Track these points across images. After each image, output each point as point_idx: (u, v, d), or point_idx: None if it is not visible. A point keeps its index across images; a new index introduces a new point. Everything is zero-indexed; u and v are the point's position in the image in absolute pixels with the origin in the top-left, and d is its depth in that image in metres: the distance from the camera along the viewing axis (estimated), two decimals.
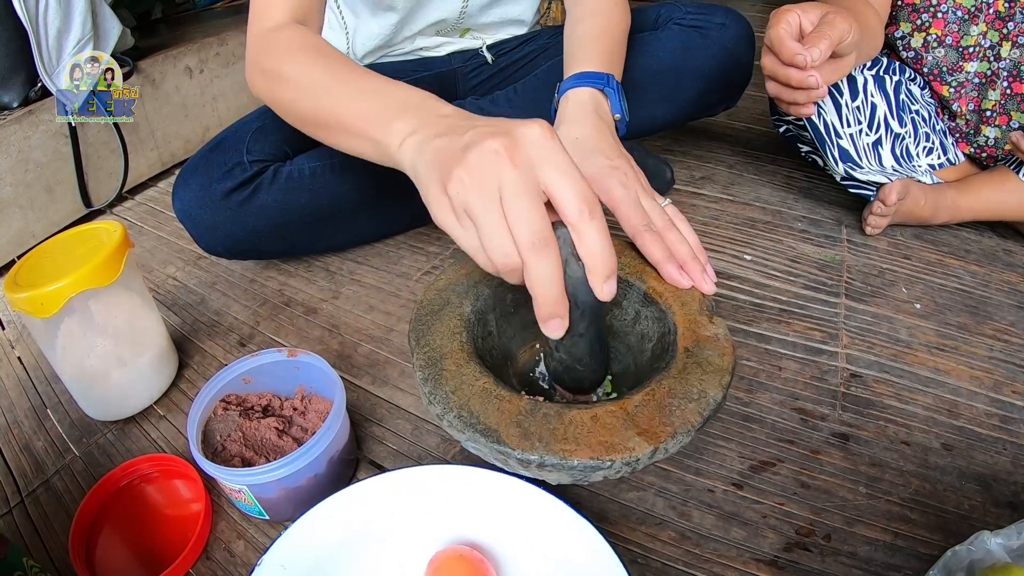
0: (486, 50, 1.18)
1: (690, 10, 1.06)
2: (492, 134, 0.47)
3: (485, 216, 0.46)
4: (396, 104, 0.61)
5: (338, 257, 1.12)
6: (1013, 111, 1.11)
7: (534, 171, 0.46)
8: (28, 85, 1.37)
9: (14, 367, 0.98)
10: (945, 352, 0.87)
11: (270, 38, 0.79)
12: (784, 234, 1.14)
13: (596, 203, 0.47)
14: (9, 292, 0.71)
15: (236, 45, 1.79)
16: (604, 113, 0.79)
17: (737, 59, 1.05)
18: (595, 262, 0.47)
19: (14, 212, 1.31)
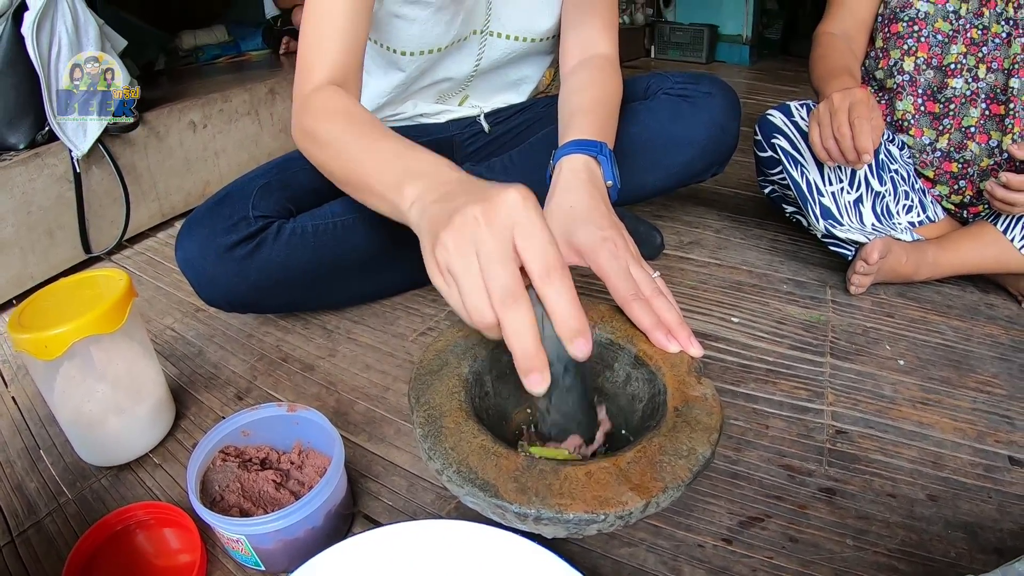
0: (483, 119, 1.23)
1: (678, 80, 1.11)
2: (475, 200, 0.52)
3: (464, 275, 0.51)
4: (410, 169, 0.66)
5: (335, 315, 1.14)
6: (992, 131, 1.18)
7: (509, 232, 0.50)
8: (36, 128, 1.40)
9: (8, 407, 0.99)
10: (929, 406, 0.90)
11: (311, 99, 0.84)
12: (771, 296, 1.17)
13: (560, 265, 0.50)
14: (13, 332, 0.72)
15: (239, 103, 1.84)
16: (597, 180, 0.82)
17: (724, 127, 1.09)
18: (559, 321, 0.50)
19: (14, 253, 1.33)
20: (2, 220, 1.30)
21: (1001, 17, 1.14)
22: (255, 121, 1.90)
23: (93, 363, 0.79)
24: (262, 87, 1.93)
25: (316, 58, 0.87)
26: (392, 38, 1.04)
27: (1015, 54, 1.14)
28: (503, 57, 1.14)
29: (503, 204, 0.51)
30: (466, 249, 0.50)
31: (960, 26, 1.16)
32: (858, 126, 0.97)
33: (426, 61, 1.08)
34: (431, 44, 1.05)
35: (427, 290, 1.20)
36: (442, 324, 1.10)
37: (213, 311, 1.18)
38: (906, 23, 1.19)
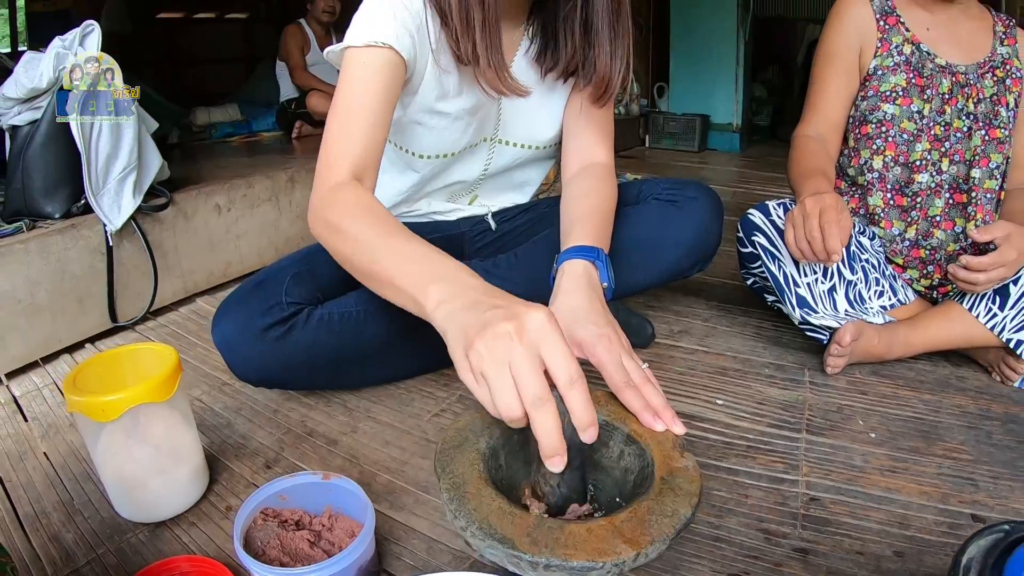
0: (491, 217, 1.36)
1: (667, 186, 1.25)
2: (506, 317, 0.63)
3: (498, 380, 0.62)
4: (434, 272, 0.77)
5: (354, 395, 1.24)
6: (957, 218, 1.31)
7: (537, 347, 0.62)
8: (72, 200, 1.51)
9: (41, 463, 1.07)
10: (897, 473, 0.99)
11: (334, 194, 0.94)
12: (753, 379, 1.28)
13: (580, 376, 0.63)
14: (69, 393, 0.82)
15: (261, 189, 1.98)
16: (595, 283, 0.94)
17: (708, 229, 1.22)
18: (577, 417, 0.63)
19: (45, 317, 1.43)
20: (37, 284, 1.40)
21: (962, 112, 1.28)
22: (275, 207, 2.03)
23: (139, 427, 0.88)
24: (282, 175, 2.07)
25: (339, 154, 0.97)
26: (411, 142, 1.17)
27: (976, 146, 1.28)
28: (510, 162, 1.28)
29: (532, 323, 0.63)
30: (500, 358, 0.61)
31: (924, 125, 1.30)
32: (827, 229, 1.09)
33: (440, 164, 1.21)
34: (446, 149, 1.18)
35: (439, 375, 1.30)
36: (454, 407, 1.19)
37: (239, 385, 1.28)
38: (874, 125, 1.33)
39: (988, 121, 1.29)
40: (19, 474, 1.04)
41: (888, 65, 1.32)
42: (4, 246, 1.38)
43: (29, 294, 1.40)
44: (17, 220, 1.48)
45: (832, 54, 1.38)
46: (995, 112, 1.28)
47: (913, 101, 1.30)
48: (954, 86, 1.29)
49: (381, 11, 1.00)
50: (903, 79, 1.31)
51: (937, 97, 1.29)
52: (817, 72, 1.41)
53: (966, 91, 1.29)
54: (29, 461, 1.08)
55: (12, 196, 1.53)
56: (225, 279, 1.91)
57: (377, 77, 0.99)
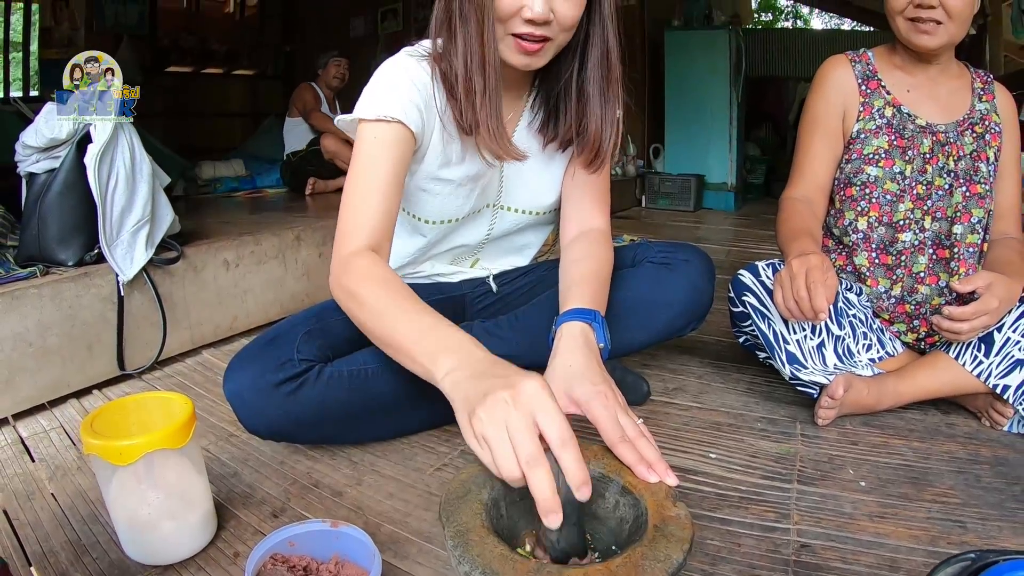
0: (492, 280, 1.42)
1: (660, 249, 1.31)
2: (504, 385, 0.71)
3: (497, 444, 0.68)
4: (444, 343, 0.85)
5: (359, 450, 1.27)
6: (941, 272, 1.35)
7: (532, 412, 0.69)
8: (85, 249, 1.56)
9: (48, 503, 1.10)
10: (886, 518, 1.02)
11: (351, 262, 1.01)
12: (746, 433, 1.31)
13: (571, 437, 0.69)
14: (87, 437, 0.86)
15: (269, 246, 2.03)
16: (592, 344, 1.00)
17: (700, 290, 1.27)
18: (570, 476, 0.68)
19: (55, 361, 1.47)
20: (48, 329, 1.45)
21: (943, 170, 1.34)
22: (281, 264, 2.09)
23: (152, 472, 0.91)
24: (289, 233, 2.13)
25: (356, 223, 1.04)
26: (418, 208, 1.24)
27: (957, 203, 1.33)
28: (512, 227, 1.34)
29: (526, 390, 0.70)
30: (498, 424, 0.68)
31: (907, 185, 1.35)
32: (814, 289, 1.14)
33: (445, 229, 1.27)
34: (450, 215, 1.24)
35: (441, 431, 1.33)
36: (456, 461, 1.22)
37: (246, 437, 1.30)
38: (859, 187, 1.39)
39: (969, 177, 1.34)
40: (27, 513, 1.07)
41: (871, 128, 1.38)
42: (18, 289, 1.42)
43: (40, 337, 1.44)
44: (31, 265, 1.53)
45: (817, 119, 1.44)
46: (975, 168, 1.34)
47: (895, 163, 1.35)
48: (935, 145, 1.35)
49: (391, 86, 1.08)
50: (885, 141, 1.36)
51: (919, 157, 1.35)
52: (803, 136, 1.47)
53: (946, 149, 1.34)
54: (37, 501, 1.10)
55: (27, 241, 1.58)
56: (231, 333, 1.95)
57: (389, 151, 1.06)
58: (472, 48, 1.04)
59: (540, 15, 0.98)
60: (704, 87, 4.38)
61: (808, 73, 5.17)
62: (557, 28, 1.02)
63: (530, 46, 1.02)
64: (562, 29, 1.03)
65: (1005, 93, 1.42)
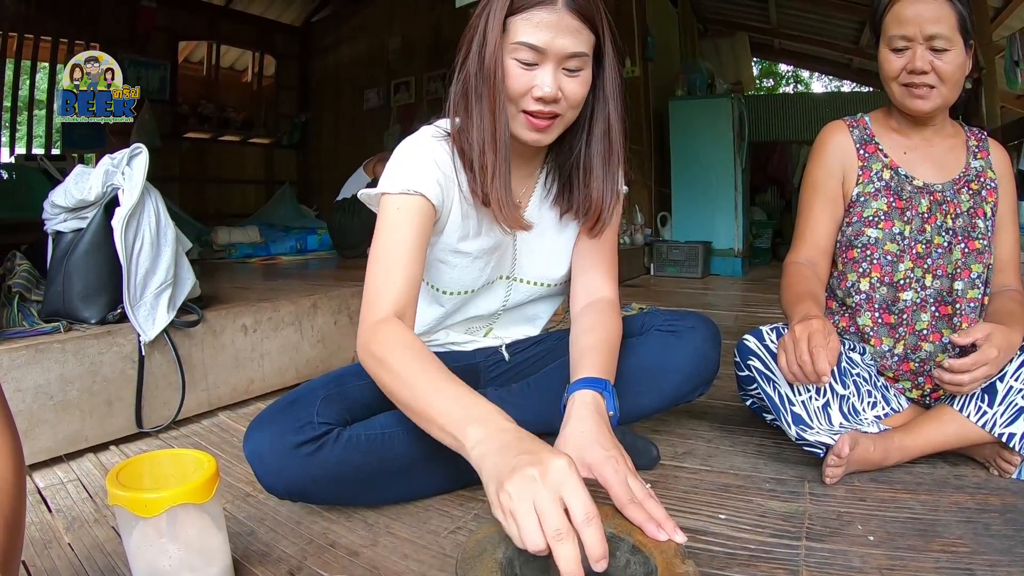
0: (504, 349, 1.46)
1: (667, 317, 1.35)
2: (532, 462, 0.76)
3: (525, 517, 0.72)
4: (472, 413, 0.89)
5: (374, 512, 1.27)
6: (943, 329, 1.37)
7: (558, 489, 0.73)
8: (108, 308, 1.61)
9: (65, 552, 1.11)
10: (895, 571, 1.02)
11: (378, 329, 1.06)
12: (754, 494, 1.32)
13: (595, 515, 0.73)
14: (112, 488, 0.88)
15: (286, 313, 2.08)
16: (602, 411, 1.04)
17: (706, 356, 1.31)
18: (591, 551, 0.72)
19: (75, 415, 1.50)
20: (70, 383, 1.48)
21: (941, 229, 1.37)
22: (298, 331, 2.13)
23: (175, 526, 0.93)
24: (306, 301, 2.18)
25: (382, 291, 1.09)
26: (436, 278, 1.29)
27: (956, 259, 1.35)
28: (525, 298, 1.39)
29: (554, 468, 0.75)
30: (526, 499, 0.73)
31: (906, 245, 1.38)
32: (816, 353, 1.17)
33: (462, 300, 1.33)
34: (467, 286, 1.30)
35: (456, 495, 1.34)
36: (470, 524, 1.23)
37: (262, 496, 1.32)
38: (860, 248, 1.42)
39: (967, 234, 1.36)
40: (43, 561, 1.08)
41: (870, 191, 1.42)
42: (43, 344, 1.47)
43: (61, 391, 1.48)
44: (55, 320, 1.58)
45: (817, 184, 1.48)
46: (973, 224, 1.36)
47: (895, 224, 1.38)
48: (932, 204, 1.38)
49: (413, 163, 1.15)
50: (884, 203, 1.39)
51: (917, 217, 1.38)
52: (804, 201, 1.51)
53: (944, 208, 1.37)
54: (54, 550, 1.11)
55: (51, 298, 1.62)
56: (247, 396, 1.98)
57: (412, 221, 1.12)
58: (485, 125, 1.11)
59: (550, 94, 1.07)
60: (708, 154, 4.45)
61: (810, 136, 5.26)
62: (565, 105, 1.10)
63: (540, 123, 1.10)
64: (570, 106, 1.11)
65: (999, 148, 1.46)
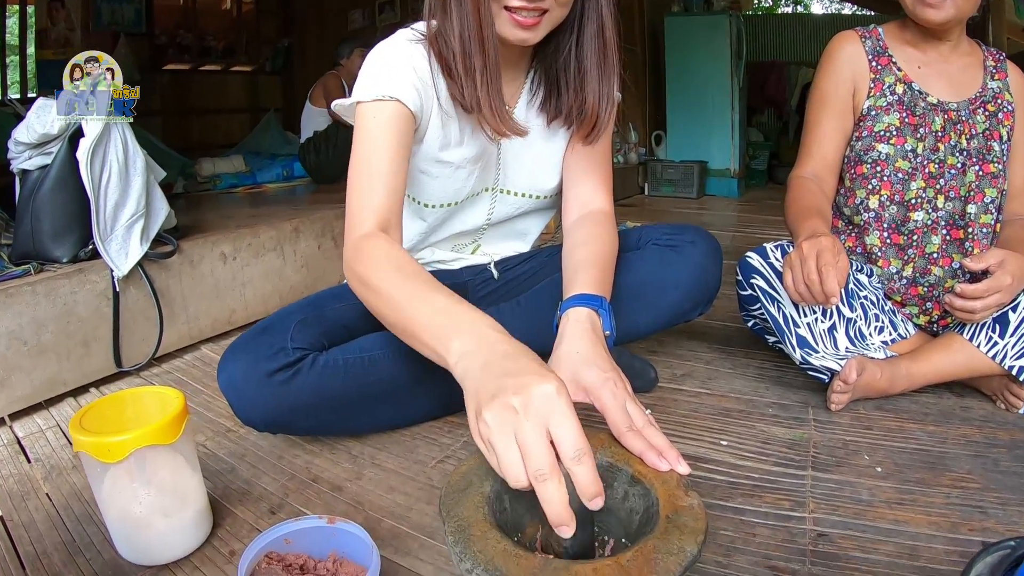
0: (493, 266, 1.38)
1: (665, 231, 1.27)
2: (515, 388, 0.65)
3: (504, 452, 0.64)
4: (457, 324, 0.81)
5: (358, 442, 1.23)
6: (954, 254, 1.32)
7: (544, 421, 0.64)
8: (80, 245, 1.53)
9: (43, 503, 1.06)
10: (904, 505, 0.99)
11: (361, 246, 0.98)
12: (757, 419, 1.28)
13: (587, 450, 0.63)
14: (75, 433, 0.82)
15: (267, 238, 2.00)
16: (598, 330, 0.96)
17: (707, 270, 1.24)
18: (583, 489, 0.63)
19: (50, 359, 1.44)
20: (43, 326, 1.41)
21: (955, 149, 1.30)
22: (280, 256, 2.06)
23: (144, 469, 0.87)
24: (287, 225, 2.10)
25: (364, 206, 1.01)
26: (418, 191, 1.20)
27: (970, 182, 1.29)
28: (512, 211, 1.31)
29: (538, 396, 0.64)
30: (505, 430, 0.64)
31: (919, 163, 1.31)
32: (825, 272, 1.10)
33: (445, 213, 1.24)
34: (450, 198, 1.21)
35: (444, 421, 1.30)
36: (459, 453, 1.19)
37: (243, 431, 1.27)
38: (870, 164, 1.35)
39: (981, 156, 1.30)
40: (21, 514, 1.04)
41: (881, 105, 1.35)
42: (12, 288, 1.39)
43: (35, 335, 1.41)
44: (25, 263, 1.50)
45: (826, 96, 1.41)
46: (988, 147, 1.30)
47: (907, 140, 1.32)
48: (947, 123, 1.31)
49: (387, 67, 1.06)
50: (896, 118, 1.33)
51: (930, 135, 1.31)
52: (811, 114, 1.44)
53: (958, 128, 1.31)
54: (31, 502, 1.07)
55: (21, 239, 1.55)
56: (230, 327, 1.92)
57: (389, 129, 1.03)
58: (468, 25, 1.01)
59: None
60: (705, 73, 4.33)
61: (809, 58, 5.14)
62: (552, 1, 1.00)
63: (526, 20, 1.00)
64: (557, 3, 1.01)
65: (1017, 71, 1.39)
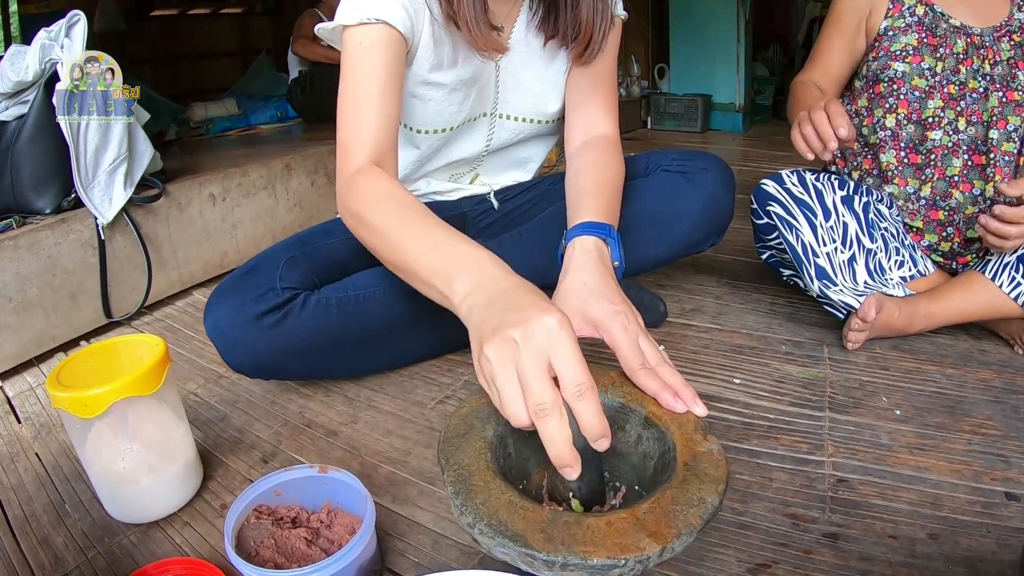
0: (493, 196, 1.31)
1: (675, 157, 1.19)
2: (516, 322, 0.61)
3: (504, 388, 0.60)
4: (458, 262, 0.75)
5: (354, 384, 1.19)
6: (975, 180, 1.25)
7: (545, 354, 0.59)
8: (62, 194, 1.46)
9: (32, 463, 1.02)
10: (925, 451, 0.94)
11: (354, 182, 0.91)
12: (770, 357, 1.22)
13: (590, 385, 0.60)
14: (52, 389, 0.77)
15: (257, 177, 1.92)
16: (606, 260, 0.89)
17: (719, 199, 1.16)
18: (587, 428, 0.60)
19: (38, 314, 1.38)
20: (28, 281, 1.35)
21: (978, 73, 1.23)
22: (271, 195, 1.98)
23: (127, 423, 0.83)
24: (278, 163, 2.02)
25: (356, 139, 0.94)
26: (409, 116, 1.12)
27: (993, 107, 1.22)
28: (511, 138, 1.23)
29: (539, 329, 0.60)
30: (506, 365, 0.60)
31: (936, 82, 1.25)
32: (832, 109, 1.07)
33: (439, 140, 1.16)
34: (444, 123, 1.13)
35: (443, 360, 1.25)
36: (459, 393, 1.14)
37: (235, 378, 1.23)
38: (886, 83, 1.29)
39: (1005, 83, 1.23)
40: (10, 476, 1.00)
41: (899, 26, 1.28)
42: None
43: (20, 291, 1.35)
44: (7, 217, 1.44)
45: (840, 15, 1.37)
46: (1012, 75, 1.23)
47: (924, 59, 1.26)
48: (969, 47, 1.24)
49: None
50: (914, 39, 1.26)
51: (951, 56, 1.25)
52: (824, 31, 1.41)
53: (981, 53, 1.24)
54: (21, 463, 1.03)
55: (2, 193, 1.48)
56: (222, 270, 1.85)
57: (377, 55, 0.96)
58: None
59: None
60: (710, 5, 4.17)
61: None
62: None
63: None
64: None
65: None
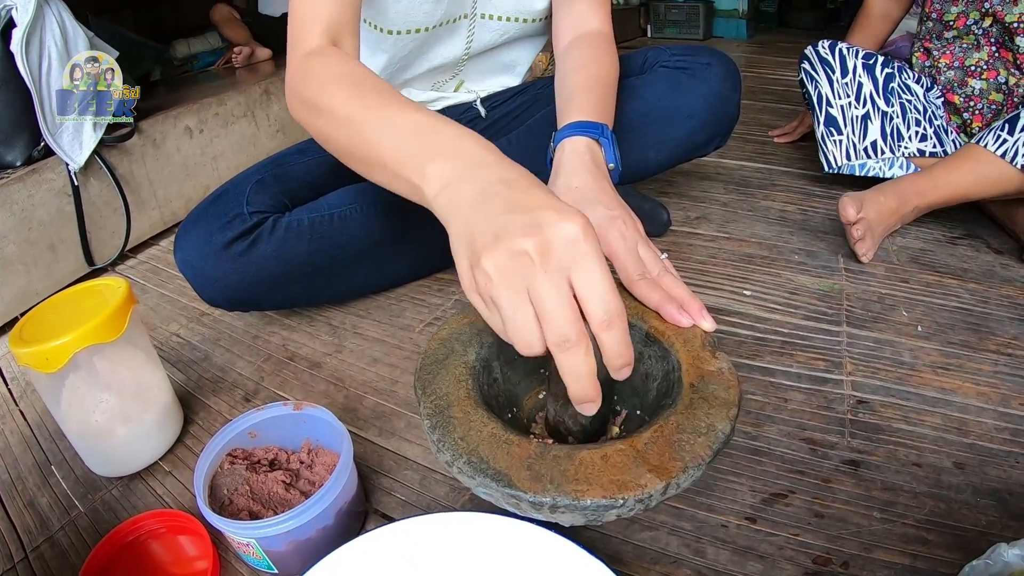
0: (479, 103, 1.21)
1: (676, 52, 1.09)
2: (526, 228, 0.47)
3: (513, 313, 0.47)
4: (434, 146, 0.60)
5: (340, 311, 1.13)
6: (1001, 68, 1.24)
7: (567, 272, 0.47)
8: (32, 145, 1.38)
9: (18, 424, 0.98)
10: (950, 371, 0.87)
11: (307, 64, 0.78)
12: (782, 267, 1.15)
13: (620, 312, 0.48)
14: (14, 347, 0.71)
15: (234, 106, 1.83)
16: (600, 162, 0.80)
17: (724, 97, 1.07)
18: (611, 357, 0.49)
19: (17, 270, 1.32)
20: (3, 238, 1.29)
21: None
22: (251, 123, 1.89)
23: (97, 374, 0.77)
24: (256, 88, 1.92)
25: (308, 17, 0.81)
26: (378, 15, 1.01)
27: (1021, 13, 1.16)
28: (495, 39, 1.12)
29: (560, 241, 0.47)
30: (515, 285, 0.47)
31: None
32: None
33: (412, 41, 1.05)
34: (417, 23, 1.02)
35: (432, 279, 1.18)
36: (449, 313, 1.08)
37: (218, 314, 1.17)
38: None
39: None
40: None
41: None
42: None
43: None
44: None
45: None
46: None
47: None
48: None
49: None
50: None
51: None
52: None
53: None
54: (7, 424, 0.98)
55: None
56: None
57: None
58: None
59: None
60: None
61: None
62: None
63: None
64: None
65: None
